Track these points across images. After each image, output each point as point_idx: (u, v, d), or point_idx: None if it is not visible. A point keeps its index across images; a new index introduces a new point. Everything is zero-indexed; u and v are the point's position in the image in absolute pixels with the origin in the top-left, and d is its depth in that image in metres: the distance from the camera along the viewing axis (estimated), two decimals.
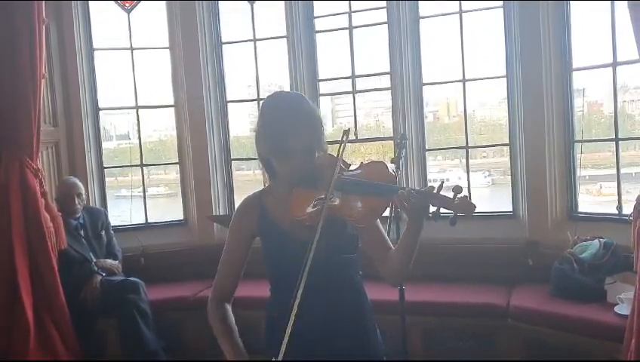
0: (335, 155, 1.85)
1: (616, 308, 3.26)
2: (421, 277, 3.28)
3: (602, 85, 4.06)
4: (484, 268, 4.09)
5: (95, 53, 4.88)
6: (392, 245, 1.93)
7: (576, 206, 4.08)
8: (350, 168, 1.89)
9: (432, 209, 1.67)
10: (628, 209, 3.40)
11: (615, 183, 3.85)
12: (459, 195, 1.62)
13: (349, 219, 1.80)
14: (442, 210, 1.65)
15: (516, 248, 4.08)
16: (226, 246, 1.98)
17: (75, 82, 4.76)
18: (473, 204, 1.62)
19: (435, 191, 1.65)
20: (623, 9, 3.11)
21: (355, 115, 4.79)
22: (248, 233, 1.95)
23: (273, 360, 1.63)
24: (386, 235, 1.95)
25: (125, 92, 5.00)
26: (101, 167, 4.95)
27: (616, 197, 3.84)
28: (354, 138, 4.70)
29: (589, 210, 4.12)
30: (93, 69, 4.88)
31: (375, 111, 5.32)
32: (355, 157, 4.95)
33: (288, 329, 1.63)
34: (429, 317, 3.72)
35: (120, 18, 4.93)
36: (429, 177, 4.61)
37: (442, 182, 1.66)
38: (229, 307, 1.97)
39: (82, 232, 4.30)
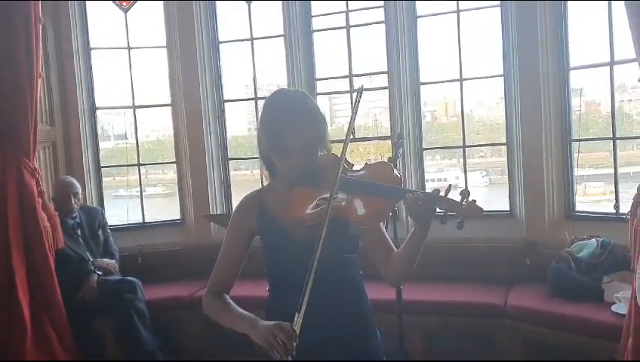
0: (338, 155, 1.84)
1: (613, 307, 3.26)
2: (419, 277, 3.24)
3: (600, 84, 4.05)
4: (481, 267, 4.09)
5: (92, 52, 4.87)
6: (394, 246, 1.92)
7: (574, 205, 4.08)
8: (354, 168, 1.88)
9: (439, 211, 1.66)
10: (625, 208, 3.40)
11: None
12: (466, 199, 1.61)
13: (353, 220, 1.79)
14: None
15: (514, 247, 4.08)
16: (225, 244, 1.97)
17: (72, 81, 4.75)
18: (481, 207, 1.61)
19: (442, 194, 1.64)
20: (620, 8, 3.11)
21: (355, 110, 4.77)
22: (247, 231, 1.94)
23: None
24: (387, 237, 1.94)
25: (122, 91, 4.99)
26: (98, 167, 4.94)
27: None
28: (352, 138, 4.69)
29: (586, 209, 4.11)
30: (90, 69, 4.87)
31: (373, 111, 5.32)
32: (354, 157, 4.95)
33: (298, 326, 1.63)
34: (426, 317, 3.72)
35: (117, 17, 4.92)
36: (426, 177, 4.61)
37: (450, 186, 1.65)
38: (227, 296, 1.96)
39: (79, 232, 4.30)
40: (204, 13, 4.87)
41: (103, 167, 4.98)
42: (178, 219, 5.05)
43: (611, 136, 3.87)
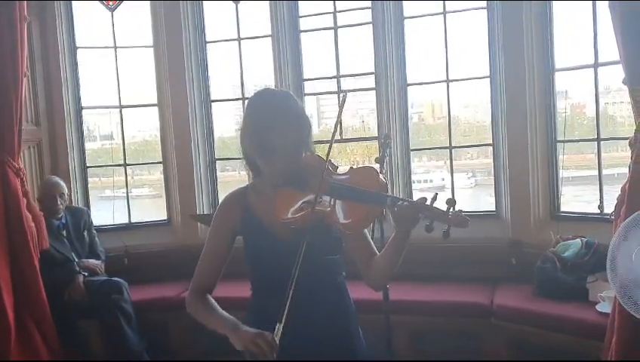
0: (322, 156, 1.83)
1: (597, 307, 3.30)
2: (405, 277, 3.27)
3: (585, 87, 4.09)
4: (467, 267, 4.11)
5: (78, 51, 4.84)
6: (376, 250, 1.91)
7: (559, 205, 4.12)
8: (338, 171, 1.86)
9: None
10: (609, 208, 3.43)
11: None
12: (452, 209, 1.60)
13: (337, 226, 1.77)
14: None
15: (499, 247, 4.11)
16: (207, 243, 1.96)
17: (57, 81, 4.72)
18: (466, 218, 1.60)
19: (428, 203, 1.63)
20: (604, 10, 3.13)
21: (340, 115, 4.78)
22: (231, 230, 1.93)
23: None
24: (371, 241, 1.93)
25: (109, 91, 4.96)
26: (84, 167, 4.90)
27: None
28: (339, 138, 4.70)
29: (571, 210, 4.15)
30: (76, 68, 4.84)
31: (361, 112, 5.33)
32: (341, 158, 4.96)
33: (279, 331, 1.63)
34: (412, 317, 3.73)
35: (103, 16, 4.89)
36: (413, 178, 4.62)
37: (436, 194, 1.64)
38: (209, 296, 1.94)
39: (64, 232, 4.27)
40: (192, 12, 4.85)
41: (88, 167, 4.95)
42: (164, 220, 5.02)
43: (596, 137, 3.91)
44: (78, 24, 4.83)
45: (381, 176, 1.78)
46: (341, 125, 4.73)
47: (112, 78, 4.93)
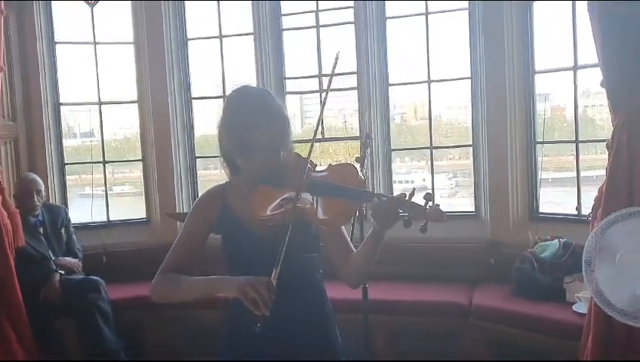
0: (303, 155, 1.82)
1: (574, 307, 3.33)
2: (384, 276, 3.29)
3: (566, 89, 4.12)
4: (446, 267, 4.13)
5: (57, 46, 4.77)
6: (353, 248, 1.91)
7: (538, 207, 4.15)
8: (317, 169, 1.86)
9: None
10: (587, 210, 3.46)
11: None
12: (430, 203, 1.61)
13: (316, 222, 1.77)
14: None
15: (478, 248, 4.13)
16: (183, 230, 1.93)
17: (35, 76, 4.64)
18: (444, 212, 1.61)
19: (406, 198, 1.64)
20: (584, 12, 3.15)
21: (321, 114, 4.77)
22: (208, 224, 1.91)
23: None
24: (348, 238, 1.93)
25: (88, 87, 4.89)
26: (62, 164, 4.84)
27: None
28: (321, 137, 4.69)
29: (549, 211, 4.18)
30: (55, 63, 4.77)
31: (343, 112, 5.32)
32: (324, 158, 4.95)
33: None
34: (391, 316, 3.74)
35: (83, 11, 4.82)
36: (394, 178, 4.63)
37: (414, 189, 1.65)
38: None
39: (41, 230, 4.21)
40: (173, 9, 4.81)
41: (67, 163, 4.88)
42: (144, 218, 4.98)
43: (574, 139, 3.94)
44: (58, 19, 4.76)
45: (360, 172, 1.78)
46: (323, 125, 4.71)
47: (91, 74, 4.87)
